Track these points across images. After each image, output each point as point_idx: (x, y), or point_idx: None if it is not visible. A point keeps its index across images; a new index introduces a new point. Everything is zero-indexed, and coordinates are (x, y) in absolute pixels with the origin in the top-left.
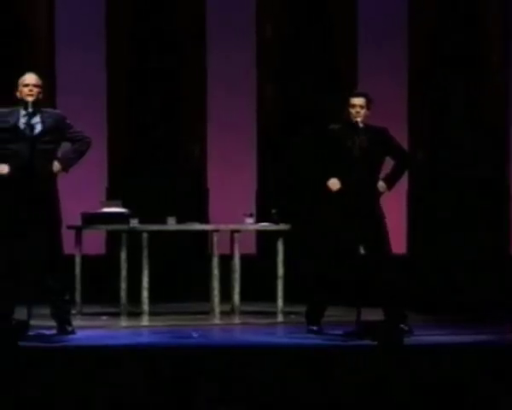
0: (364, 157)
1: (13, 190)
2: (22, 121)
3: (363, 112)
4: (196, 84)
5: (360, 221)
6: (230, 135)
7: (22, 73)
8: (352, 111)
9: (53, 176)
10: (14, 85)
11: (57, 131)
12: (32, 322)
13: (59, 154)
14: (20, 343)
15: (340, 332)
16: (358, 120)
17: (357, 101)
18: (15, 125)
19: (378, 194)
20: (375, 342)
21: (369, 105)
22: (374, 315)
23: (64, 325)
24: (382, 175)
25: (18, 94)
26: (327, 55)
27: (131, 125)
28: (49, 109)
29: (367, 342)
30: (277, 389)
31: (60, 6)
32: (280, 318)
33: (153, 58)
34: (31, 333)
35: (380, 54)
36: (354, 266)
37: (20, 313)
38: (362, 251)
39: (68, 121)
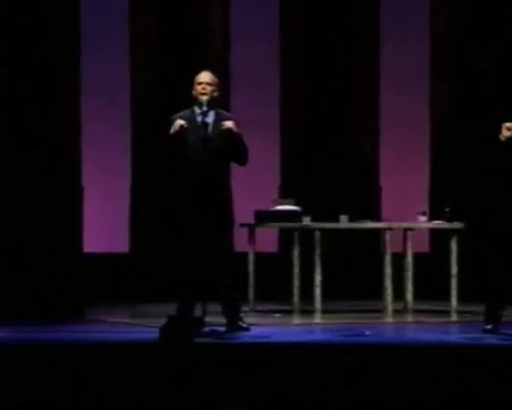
0: None
1: (188, 190)
2: (197, 120)
3: None
4: (369, 83)
5: None
6: (403, 133)
7: (199, 72)
8: None
9: (226, 175)
10: (191, 84)
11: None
12: (207, 319)
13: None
14: (196, 340)
15: None
16: None
17: None
18: (191, 124)
19: None
20: None
21: None
22: None
23: (235, 322)
24: None
25: (193, 92)
26: (501, 52)
27: (304, 124)
28: (224, 112)
29: None
30: (450, 388)
31: (235, 4)
32: (454, 317)
33: (325, 57)
34: (205, 330)
35: None
36: None
37: (196, 311)
38: None
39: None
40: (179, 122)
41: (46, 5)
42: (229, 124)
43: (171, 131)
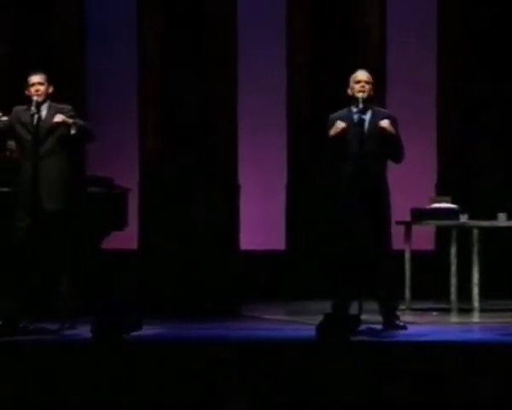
0: None
1: (346, 188)
2: (354, 118)
3: None
4: None
5: None
6: None
7: (355, 71)
8: None
9: (383, 172)
10: (347, 83)
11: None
12: (363, 317)
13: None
14: (352, 338)
15: None
16: None
17: None
18: (348, 122)
19: None
20: None
21: None
22: None
23: (392, 320)
24: None
25: (350, 91)
26: None
27: (461, 122)
28: (381, 109)
29: None
30: None
31: (391, 3)
32: None
33: (484, 58)
34: (361, 328)
35: None
36: None
37: (352, 308)
38: None
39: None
40: (341, 125)
41: (205, 7)
42: (384, 124)
43: (332, 132)
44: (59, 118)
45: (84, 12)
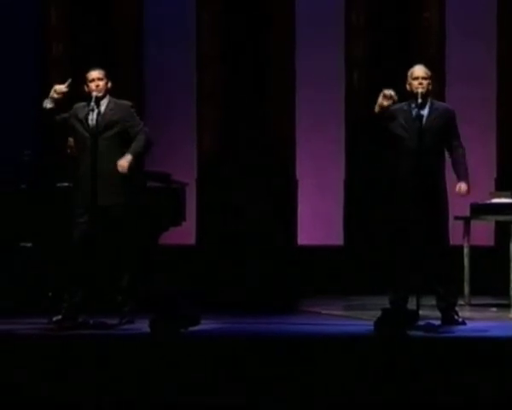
0: None
1: (404, 183)
2: (413, 113)
3: None
4: None
5: None
6: None
7: (413, 66)
8: None
9: (441, 167)
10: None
11: (446, 126)
12: (421, 312)
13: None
14: (410, 333)
15: None
16: None
17: None
18: (407, 117)
19: None
20: None
21: None
22: None
23: (450, 315)
24: None
25: (408, 86)
26: None
27: None
28: (440, 103)
29: None
30: None
31: None
32: None
33: None
34: (419, 323)
35: None
36: None
37: (410, 303)
38: None
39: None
40: (388, 92)
41: (263, 3)
42: (463, 190)
43: (376, 109)
44: (123, 169)
45: (141, 8)
